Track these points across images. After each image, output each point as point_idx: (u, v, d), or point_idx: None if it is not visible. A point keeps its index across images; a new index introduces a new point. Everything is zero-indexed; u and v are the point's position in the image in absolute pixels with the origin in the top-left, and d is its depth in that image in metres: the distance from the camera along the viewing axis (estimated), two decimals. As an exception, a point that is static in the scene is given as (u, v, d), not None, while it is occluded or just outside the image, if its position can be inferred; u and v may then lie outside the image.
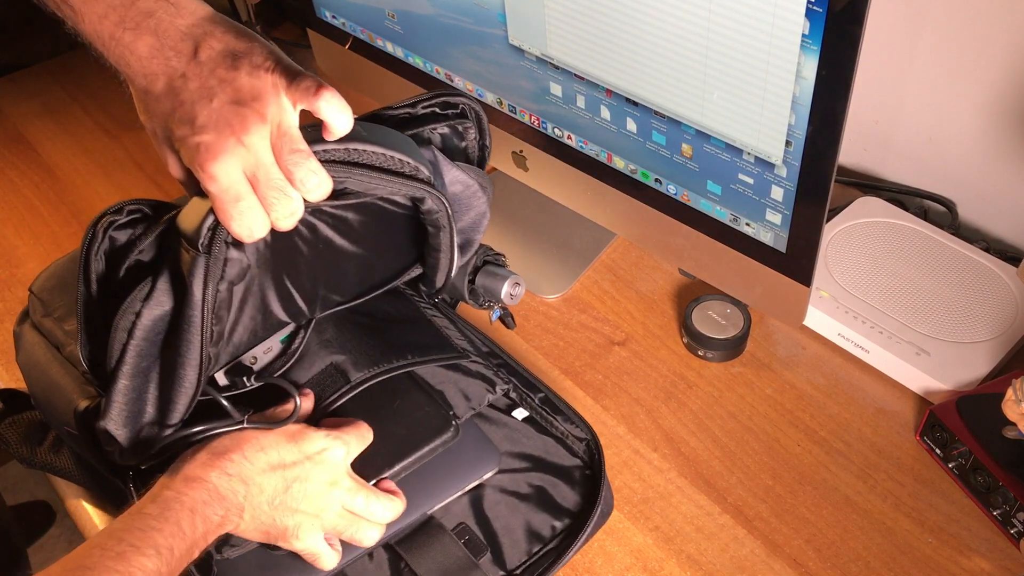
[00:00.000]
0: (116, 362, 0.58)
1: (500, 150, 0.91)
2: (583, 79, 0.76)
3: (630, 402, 0.82)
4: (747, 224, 0.73)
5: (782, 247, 0.71)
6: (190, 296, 0.56)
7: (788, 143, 0.64)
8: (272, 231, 0.56)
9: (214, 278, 0.56)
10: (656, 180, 0.78)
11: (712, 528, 0.72)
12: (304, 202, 0.55)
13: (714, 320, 0.84)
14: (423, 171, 0.62)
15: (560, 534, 0.70)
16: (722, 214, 0.74)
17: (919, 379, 0.79)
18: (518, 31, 0.78)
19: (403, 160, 0.61)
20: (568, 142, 0.83)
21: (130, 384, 0.58)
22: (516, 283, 0.77)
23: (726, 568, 0.70)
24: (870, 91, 0.97)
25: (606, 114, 0.77)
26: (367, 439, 0.67)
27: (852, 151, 1.04)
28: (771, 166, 0.67)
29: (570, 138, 0.83)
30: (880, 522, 0.72)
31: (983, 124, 0.90)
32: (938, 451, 0.75)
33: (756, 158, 0.68)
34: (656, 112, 0.72)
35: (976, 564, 0.69)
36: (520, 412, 0.77)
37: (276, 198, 0.53)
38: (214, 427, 0.62)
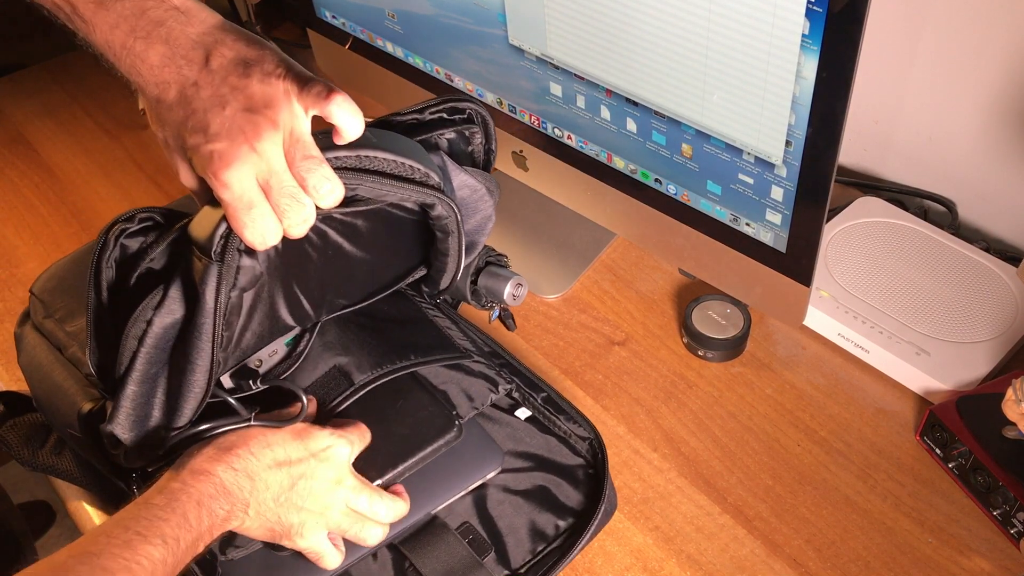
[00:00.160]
0: (125, 369, 0.58)
1: (500, 150, 0.91)
2: (583, 79, 0.76)
3: (630, 402, 0.82)
4: (747, 224, 0.73)
5: (782, 247, 0.71)
6: (202, 304, 0.56)
7: (788, 143, 0.64)
8: (283, 238, 0.55)
9: (226, 286, 0.56)
10: (656, 180, 0.78)
11: (712, 528, 0.72)
12: (316, 209, 0.55)
13: (714, 320, 0.84)
14: (433, 177, 0.62)
15: (564, 533, 0.70)
16: (722, 214, 0.74)
17: (919, 379, 0.79)
18: (518, 31, 0.78)
19: (414, 167, 0.61)
20: (568, 142, 0.83)
21: (138, 390, 0.58)
22: (519, 284, 0.77)
23: (726, 568, 0.70)
24: (870, 91, 0.97)
25: (606, 114, 0.77)
26: (367, 439, 0.68)
27: (852, 151, 1.04)
28: (771, 166, 0.67)
29: (570, 138, 0.83)
30: (880, 522, 0.72)
31: (983, 124, 0.90)
32: (938, 451, 0.75)
33: (756, 158, 0.68)
34: (656, 112, 0.72)
35: (976, 564, 0.69)
36: (523, 412, 0.77)
37: (289, 205, 0.53)
38: (221, 424, 0.62)
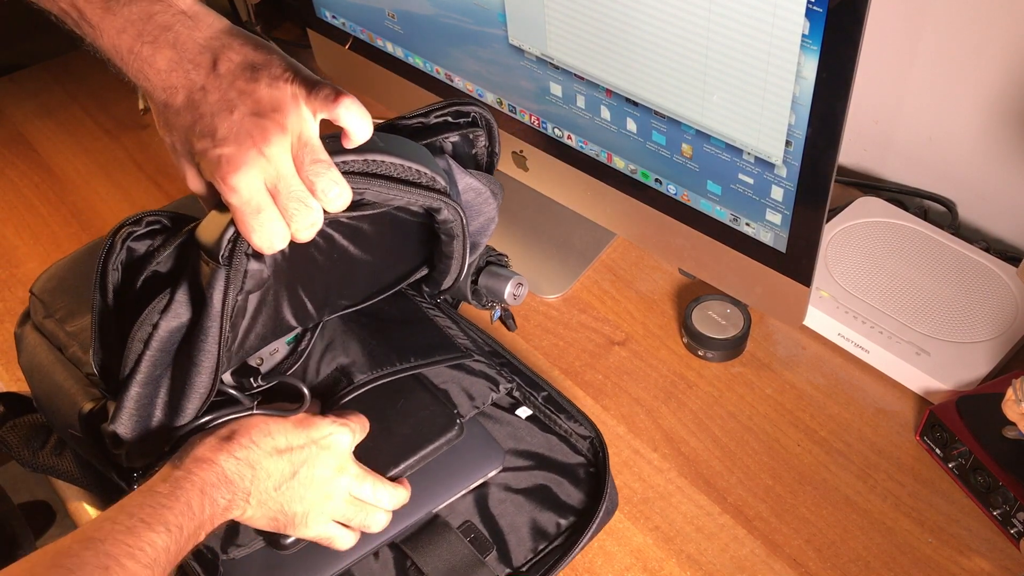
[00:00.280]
0: (130, 371, 0.58)
1: (501, 151, 0.91)
2: (583, 79, 0.76)
3: (630, 402, 0.82)
4: (747, 224, 0.73)
5: (782, 247, 0.71)
6: (209, 308, 0.56)
7: (788, 143, 0.64)
8: (290, 242, 0.55)
9: (234, 290, 0.56)
10: (656, 180, 0.78)
11: (712, 528, 0.72)
12: (324, 213, 0.55)
13: (714, 320, 0.84)
14: (439, 181, 0.62)
15: (565, 531, 0.70)
16: (722, 214, 0.74)
17: (919, 379, 0.79)
18: (518, 31, 0.78)
19: (420, 171, 0.61)
20: (568, 142, 0.83)
21: (142, 391, 0.58)
22: (519, 283, 0.77)
23: (726, 568, 0.70)
24: (870, 91, 0.97)
25: (606, 114, 0.77)
26: (367, 428, 0.68)
27: (852, 151, 1.04)
28: (771, 166, 0.67)
29: (570, 138, 0.83)
30: (880, 522, 0.72)
31: (983, 124, 0.90)
32: (938, 451, 0.75)
33: (756, 158, 0.68)
34: (656, 112, 0.72)
35: (976, 564, 0.69)
36: (524, 411, 0.77)
37: (297, 209, 0.53)
38: (223, 415, 0.62)
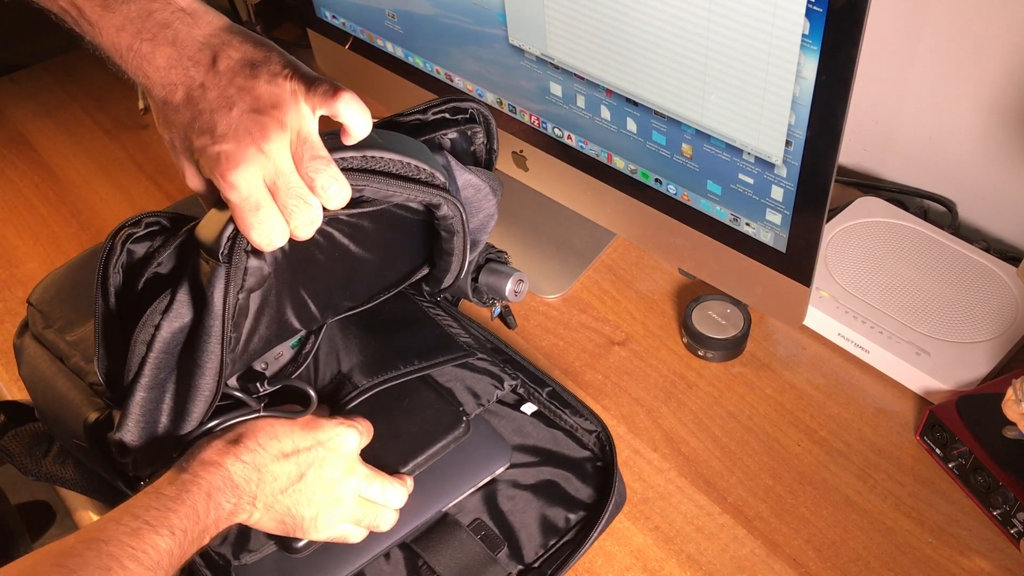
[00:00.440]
0: (134, 375, 0.58)
1: (500, 150, 0.91)
2: (583, 79, 0.76)
3: (630, 402, 0.82)
4: (747, 224, 0.73)
5: (782, 247, 0.71)
6: (210, 306, 0.56)
7: (788, 143, 0.64)
8: (290, 241, 0.55)
9: (234, 287, 0.56)
10: (656, 180, 0.78)
11: (712, 528, 0.72)
12: (323, 211, 0.55)
13: (714, 320, 0.84)
14: (439, 177, 0.62)
15: (575, 526, 0.70)
16: (722, 214, 0.74)
17: (919, 379, 0.79)
18: (518, 31, 0.78)
19: (420, 167, 0.61)
20: (568, 142, 0.83)
21: (147, 396, 0.58)
22: (520, 280, 0.77)
23: (726, 568, 0.70)
24: (870, 91, 0.97)
25: (606, 114, 0.77)
26: (371, 433, 0.68)
27: (852, 151, 1.04)
28: (771, 166, 0.67)
29: (570, 138, 0.83)
30: (880, 522, 0.72)
31: (983, 124, 0.90)
32: (938, 451, 0.75)
33: (756, 158, 0.68)
34: (656, 112, 0.72)
35: (976, 564, 0.69)
36: (528, 407, 0.77)
37: (296, 206, 0.53)
38: (230, 417, 0.62)
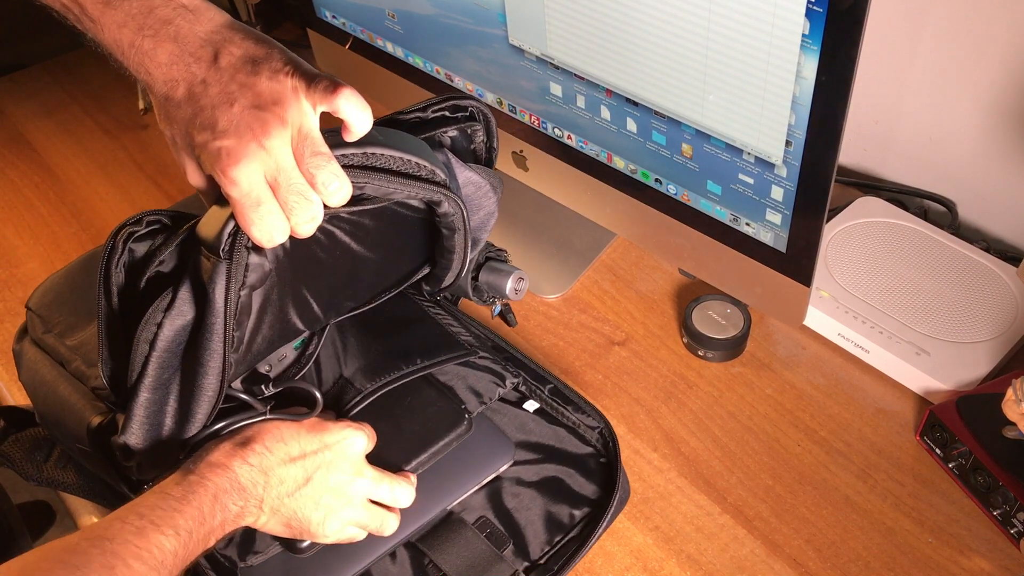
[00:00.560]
0: (138, 376, 0.57)
1: (500, 150, 0.91)
2: (583, 79, 0.76)
3: (630, 402, 0.82)
4: (747, 224, 0.73)
5: (782, 247, 0.71)
6: (211, 304, 0.55)
7: (788, 143, 0.64)
8: (291, 240, 0.55)
9: (235, 284, 0.56)
10: (656, 180, 0.78)
11: (712, 528, 0.72)
12: (324, 208, 0.55)
13: (714, 320, 0.84)
14: (439, 174, 0.62)
15: (580, 522, 0.70)
16: (722, 214, 0.74)
17: (919, 379, 0.79)
18: (518, 31, 0.78)
19: (420, 164, 0.61)
20: (568, 142, 0.83)
21: (151, 397, 0.58)
22: (520, 278, 0.77)
23: (726, 568, 0.70)
24: (870, 91, 0.97)
25: (606, 114, 0.77)
26: (375, 438, 0.68)
27: (852, 151, 1.04)
28: (771, 166, 0.67)
29: (570, 138, 0.83)
30: (880, 522, 0.72)
31: (983, 124, 0.90)
32: (938, 451, 0.75)
33: (756, 158, 0.68)
34: (656, 112, 0.72)
35: (976, 564, 0.69)
36: (531, 404, 0.77)
37: (296, 202, 0.53)
38: (237, 420, 0.62)
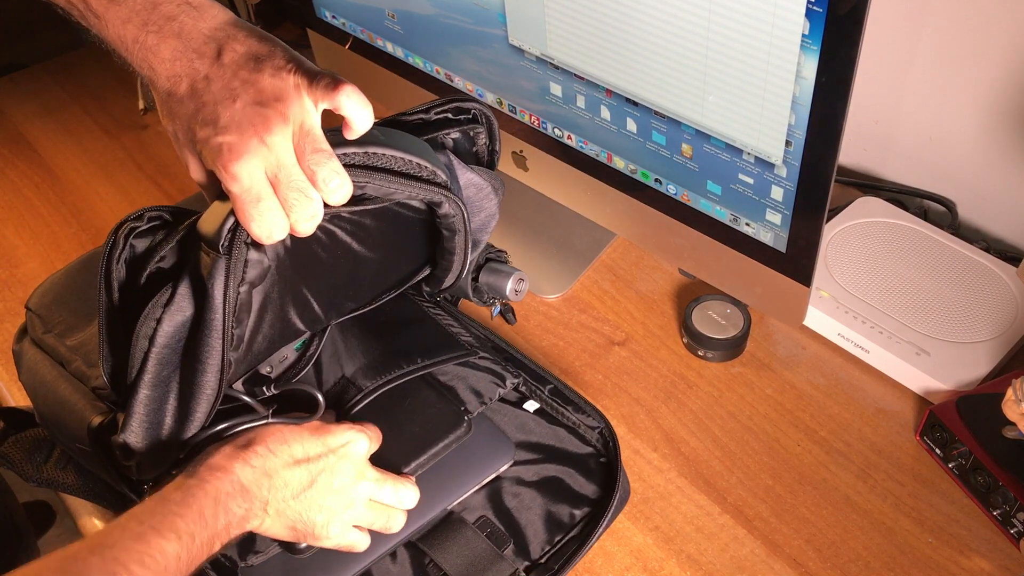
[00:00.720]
0: (137, 372, 0.57)
1: (501, 150, 0.91)
2: (583, 79, 0.76)
3: (630, 402, 0.82)
4: (747, 224, 0.73)
5: (782, 247, 0.71)
6: (210, 299, 0.55)
7: (788, 143, 0.64)
8: (292, 238, 0.55)
9: (235, 280, 0.56)
10: (656, 180, 0.78)
11: (712, 528, 0.72)
12: (324, 206, 0.55)
13: (714, 320, 0.84)
14: (440, 175, 0.62)
15: (580, 522, 0.70)
16: (722, 214, 0.74)
17: (919, 379, 0.79)
18: (518, 31, 0.78)
19: (421, 164, 0.61)
20: (568, 142, 0.83)
21: (151, 394, 0.58)
22: (520, 279, 0.77)
23: (726, 568, 0.70)
24: (870, 91, 0.97)
25: (606, 114, 0.77)
26: (380, 439, 0.68)
27: (852, 151, 1.04)
28: (771, 166, 0.67)
29: (570, 138, 0.83)
30: (880, 522, 0.72)
31: (983, 124, 0.90)
32: (938, 451, 0.75)
33: (756, 158, 0.68)
34: (656, 112, 0.72)
35: (976, 564, 0.69)
36: (531, 404, 0.77)
37: (297, 199, 0.53)
38: (239, 423, 0.62)
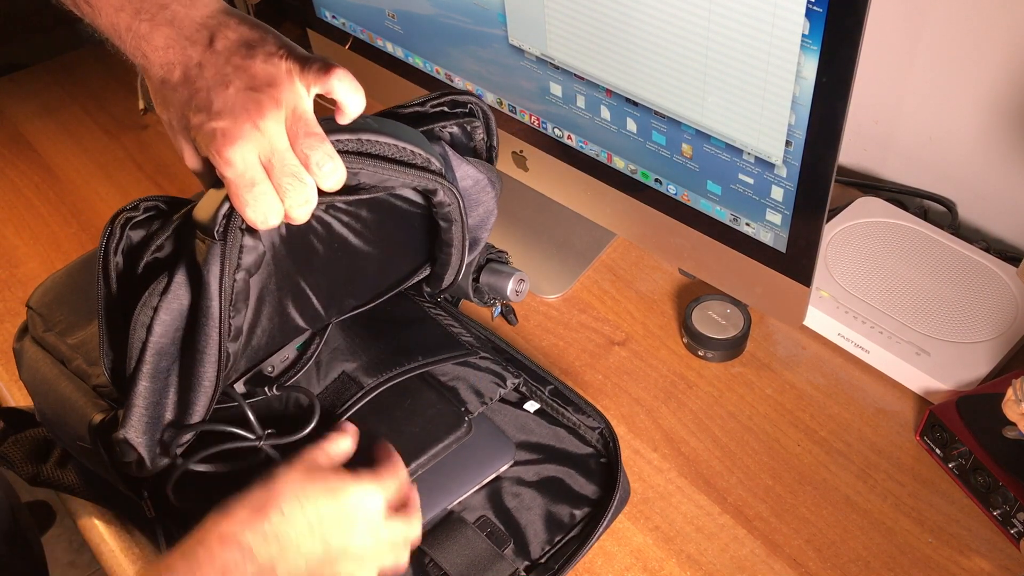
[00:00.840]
0: (136, 363, 0.57)
1: (500, 150, 0.91)
2: (583, 79, 0.76)
3: (630, 402, 0.82)
4: (747, 224, 0.73)
5: (782, 247, 0.71)
6: (206, 286, 0.55)
7: (788, 143, 0.64)
8: (288, 229, 0.55)
9: (230, 266, 0.56)
10: (656, 180, 0.78)
11: (712, 528, 0.72)
12: (319, 193, 0.55)
13: (714, 320, 0.84)
14: (434, 163, 0.63)
15: (580, 522, 0.70)
16: (722, 214, 0.74)
17: (919, 379, 0.79)
18: (518, 31, 0.78)
19: (415, 151, 0.61)
20: (568, 142, 0.83)
21: (150, 386, 0.58)
22: (521, 280, 0.77)
23: (726, 568, 0.70)
24: (870, 91, 0.97)
25: (606, 114, 0.77)
26: (402, 476, 0.64)
27: (852, 151, 1.04)
28: (771, 166, 0.67)
29: (570, 138, 0.83)
30: (880, 522, 0.72)
31: (983, 124, 0.90)
32: (938, 451, 0.75)
33: (756, 158, 0.68)
34: (656, 112, 0.72)
35: (976, 564, 0.69)
36: (531, 405, 0.77)
37: (291, 184, 0.53)
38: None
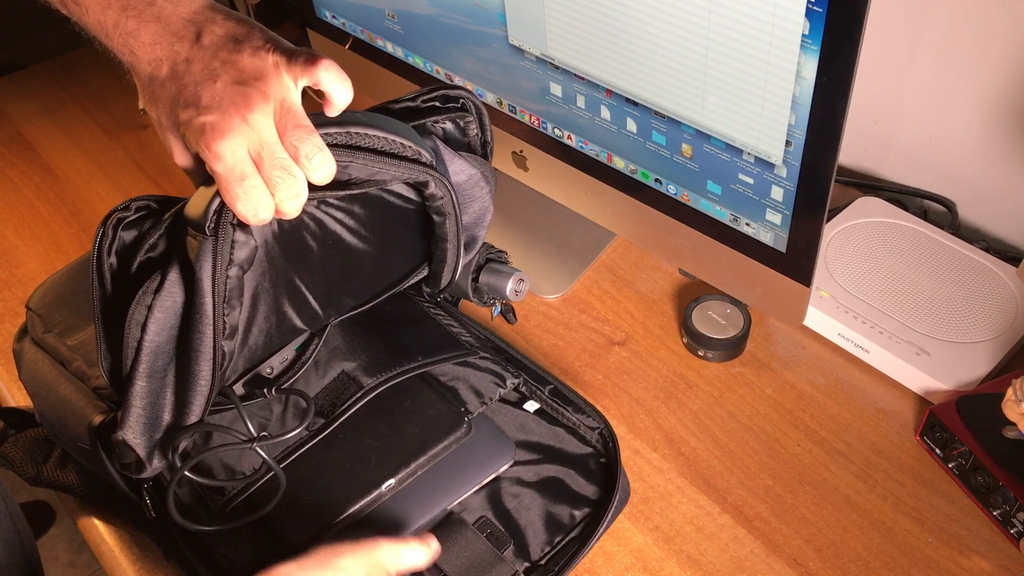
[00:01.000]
0: (132, 362, 0.57)
1: (500, 150, 0.91)
2: (583, 79, 0.76)
3: (630, 402, 0.82)
4: (747, 224, 0.73)
5: (782, 247, 0.71)
6: (199, 283, 0.56)
7: (788, 143, 0.64)
8: (280, 225, 0.55)
9: (222, 261, 0.56)
10: (656, 180, 0.78)
11: (712, 528, 0.72)
12: (309, 187, 0.55)
13: (714, 320, 0.84)
14: (425, 155, 0.63)
15: (580, 523, 0.70)
16: (722, 214, 0.74)
17: (919, 379, 0.79)
18: (518, 31, 0.78)
19: (405, 144, 0.61)
20: (568, 142, 0.83)
21: (147, 386, 0.58)
22: (520, 279, 0.77)
23: (726, 568, 0.70)
24: (870, 91, 0.97)
25: (606, 114, 0.77)
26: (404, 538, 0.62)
27: (852, 151, 1.04)
28: (771, 166, 0.67)
29: (570, 138, 0.83)
30: (880, 522, 0.72)
31: (983, 124, 0.90)
32: (938, 451, 0.75)
33: (756, 158, 0.68)
34: (656, 112, 0.72)
35: (976, 564, 0.69)
36: (531, 405, 0.77)
37: (280, 177, 0.53)
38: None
